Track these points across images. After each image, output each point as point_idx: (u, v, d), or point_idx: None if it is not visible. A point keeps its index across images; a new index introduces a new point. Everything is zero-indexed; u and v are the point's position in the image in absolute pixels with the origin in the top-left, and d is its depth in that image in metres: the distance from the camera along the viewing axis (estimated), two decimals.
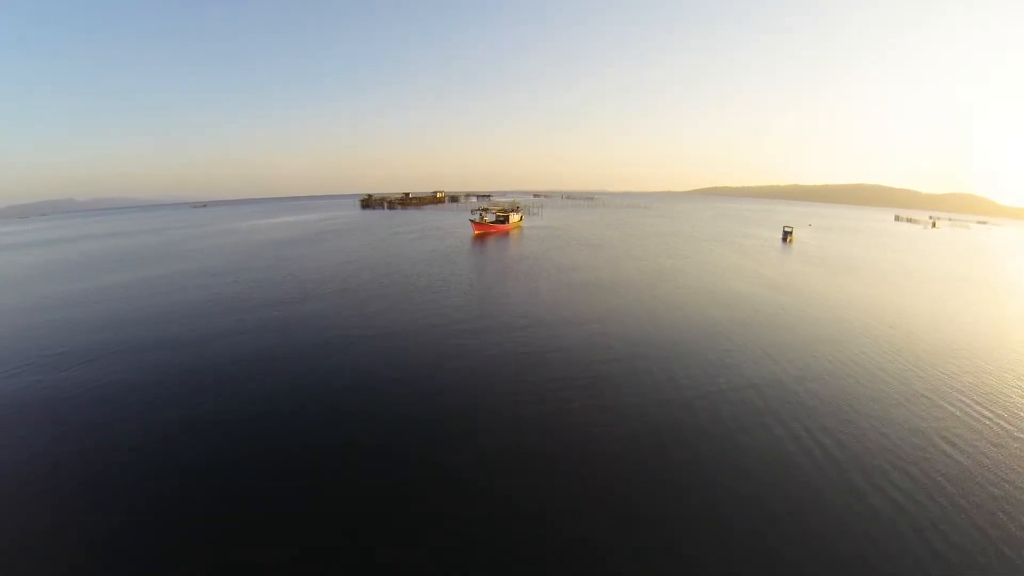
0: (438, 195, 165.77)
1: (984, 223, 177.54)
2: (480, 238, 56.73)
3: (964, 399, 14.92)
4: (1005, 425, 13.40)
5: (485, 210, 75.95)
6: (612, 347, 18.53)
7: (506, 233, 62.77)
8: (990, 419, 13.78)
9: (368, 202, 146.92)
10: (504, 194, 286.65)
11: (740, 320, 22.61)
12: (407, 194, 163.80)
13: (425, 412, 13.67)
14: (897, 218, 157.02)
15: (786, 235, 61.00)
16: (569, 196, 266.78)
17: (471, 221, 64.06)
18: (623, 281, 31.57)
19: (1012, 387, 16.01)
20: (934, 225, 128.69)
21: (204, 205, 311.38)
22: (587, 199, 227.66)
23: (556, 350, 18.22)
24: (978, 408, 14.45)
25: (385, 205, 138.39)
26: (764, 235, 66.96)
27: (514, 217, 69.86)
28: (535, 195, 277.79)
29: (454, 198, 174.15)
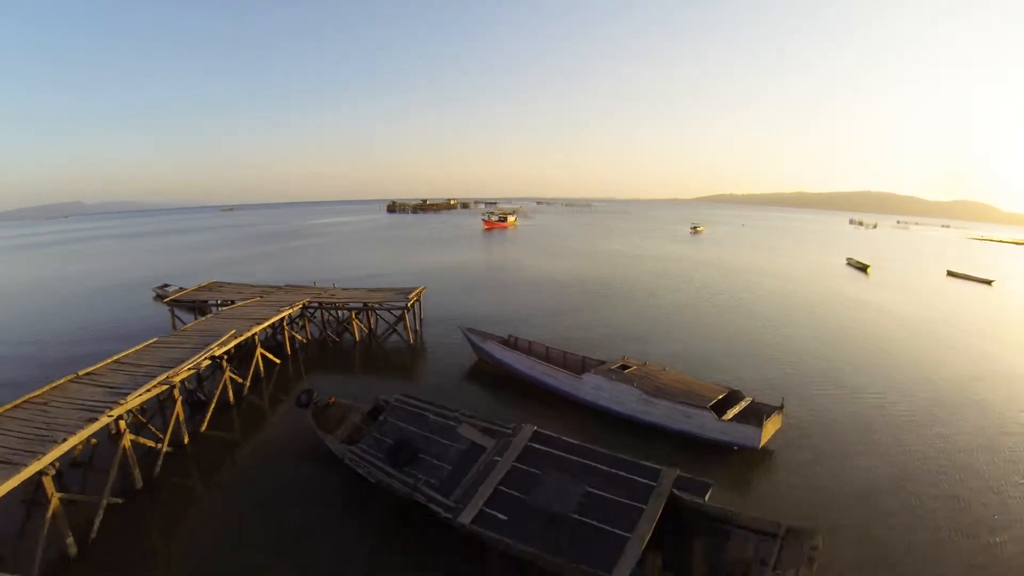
0: (451, 202, 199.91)
1: (947, 226, 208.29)
2: (488, 230, 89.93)
3: (720, 293, 46.78)
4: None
5: (492, 213, 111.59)
6: (529, 257, 50.74)
7: (505, 228, 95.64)
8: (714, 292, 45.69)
9: (393, 207, 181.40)
10: (509, 201, 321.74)
11: (595, 256, 54.83)
12: (425, 200, 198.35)
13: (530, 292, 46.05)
14: (851, 221, 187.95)
15: (693, 228, 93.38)
16: (569, 203, 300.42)
17: (482, 220, 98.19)
18: (549, 242, 64.41)
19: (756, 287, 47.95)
20: (875, 227, 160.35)
21: (231, 209, 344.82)
22: (585, 206, 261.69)
23: (508, 255, 50.50)
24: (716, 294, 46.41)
25: (408, 210, 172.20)
26: (683, 229, 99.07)
27: (511, 218, 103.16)
28: (538, 202, 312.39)
29: (464, 204, 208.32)
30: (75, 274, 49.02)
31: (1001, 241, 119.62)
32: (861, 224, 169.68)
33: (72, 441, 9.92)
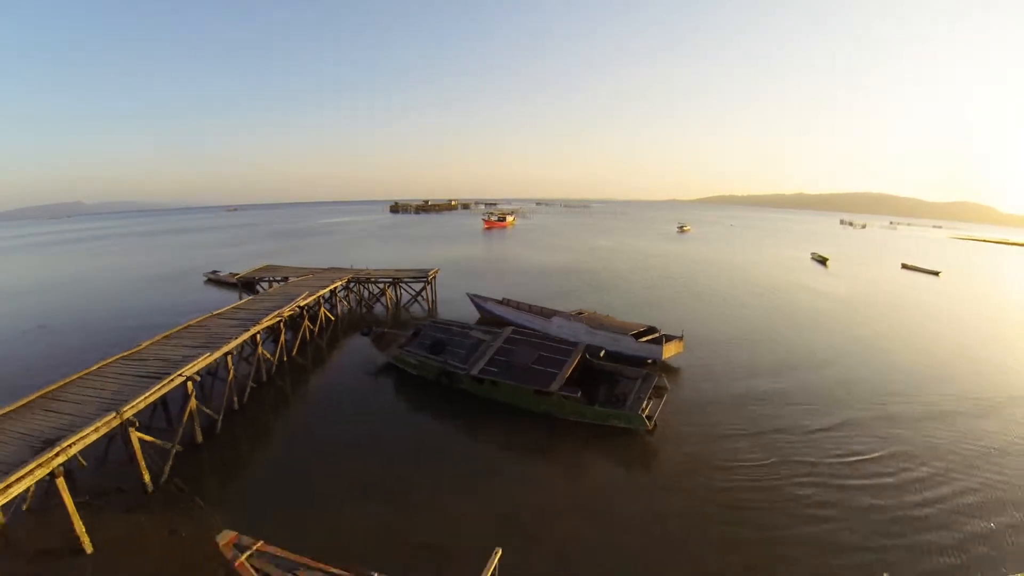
0: (452, 203, 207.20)
1: (939, 227, 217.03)
2: (488, 229, 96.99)
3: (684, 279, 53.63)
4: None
5: (491, 213, 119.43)
6: (525, 251, 57.59)
7: (504, 227, 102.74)
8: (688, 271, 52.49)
9: (396, 208, 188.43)
10: (509, 202, 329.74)
11: (584, 251, 61.65)
12: (426, 201, 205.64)
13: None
14: (842, 222, 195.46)
15: (680, 228, 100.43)
16: (567, 204, 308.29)
17: (483, 219, 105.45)
18: (543, 239, 71.26)
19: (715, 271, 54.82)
20: (864, 227, 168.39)
21: (235, 209, 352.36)
22: (583, 207, 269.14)
23: (506, 250, 57.35)
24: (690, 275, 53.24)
25: (411, 210, 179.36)
26: (673, 229, 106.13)
27: (509, 218, 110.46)
28: (537, 203, 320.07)
29: (465, 205, 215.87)
30: (119, 266, 55.82)
31: (985, 240, 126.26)
32: (851, 224, 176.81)
33: (240, 339, 16.72)
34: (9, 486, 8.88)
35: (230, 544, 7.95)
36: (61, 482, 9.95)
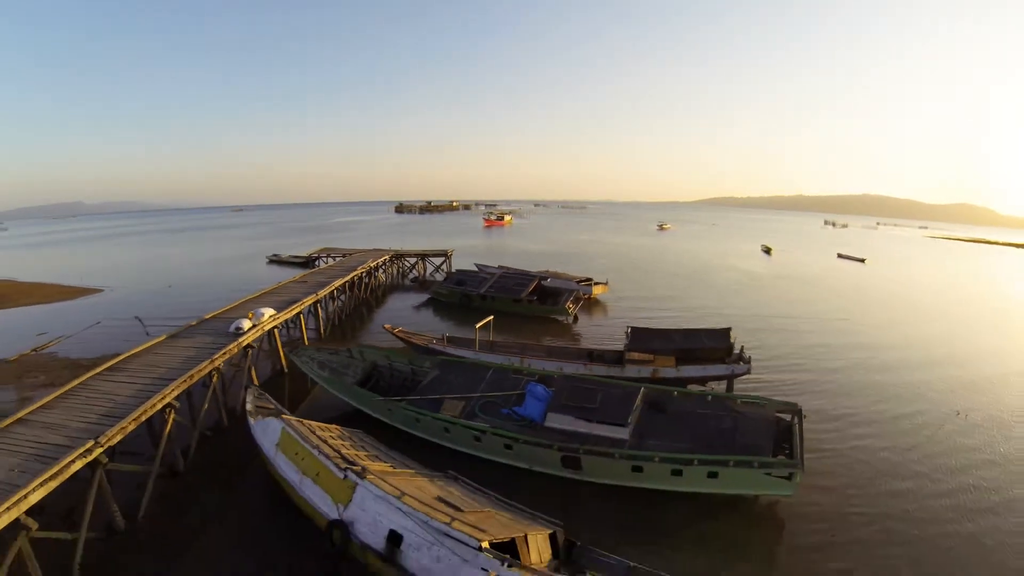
0: (454, 203, 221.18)
1: (924, 227, 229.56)
2: (488, 227, 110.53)
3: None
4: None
5: (491, 213, 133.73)
6: (517, 243, 70.66)
7: (502, 225, 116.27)
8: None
9: (400, 208, 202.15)
10: (509, 203, 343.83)
11: (566, 243, 74.76)
12: (429, 202, 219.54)
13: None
14: (825, 222, 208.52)
15: (660, 226, 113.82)
16: (565, 205, 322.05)
17: (483, 218, 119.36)
18: (534, 234, 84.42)
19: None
20: (845, 226, 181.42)
21: (240, 209, 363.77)
22: (580, 208, 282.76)
23: (503, 242, 70.48)
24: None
25: (415, 211, 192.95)
26: (654, 227, 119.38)
27: (507, 217, 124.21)
28: (535, 204, 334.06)
29: (466, 206, 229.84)
30: (185, 252, 68.92)
31: (959, 239, 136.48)
32: (833, 225, 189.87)
33: (348, 276, 29.77)
34: (274, 318, 21.78)
35: (389, 327, 21.01)
36: (299, 319, 22.99)
